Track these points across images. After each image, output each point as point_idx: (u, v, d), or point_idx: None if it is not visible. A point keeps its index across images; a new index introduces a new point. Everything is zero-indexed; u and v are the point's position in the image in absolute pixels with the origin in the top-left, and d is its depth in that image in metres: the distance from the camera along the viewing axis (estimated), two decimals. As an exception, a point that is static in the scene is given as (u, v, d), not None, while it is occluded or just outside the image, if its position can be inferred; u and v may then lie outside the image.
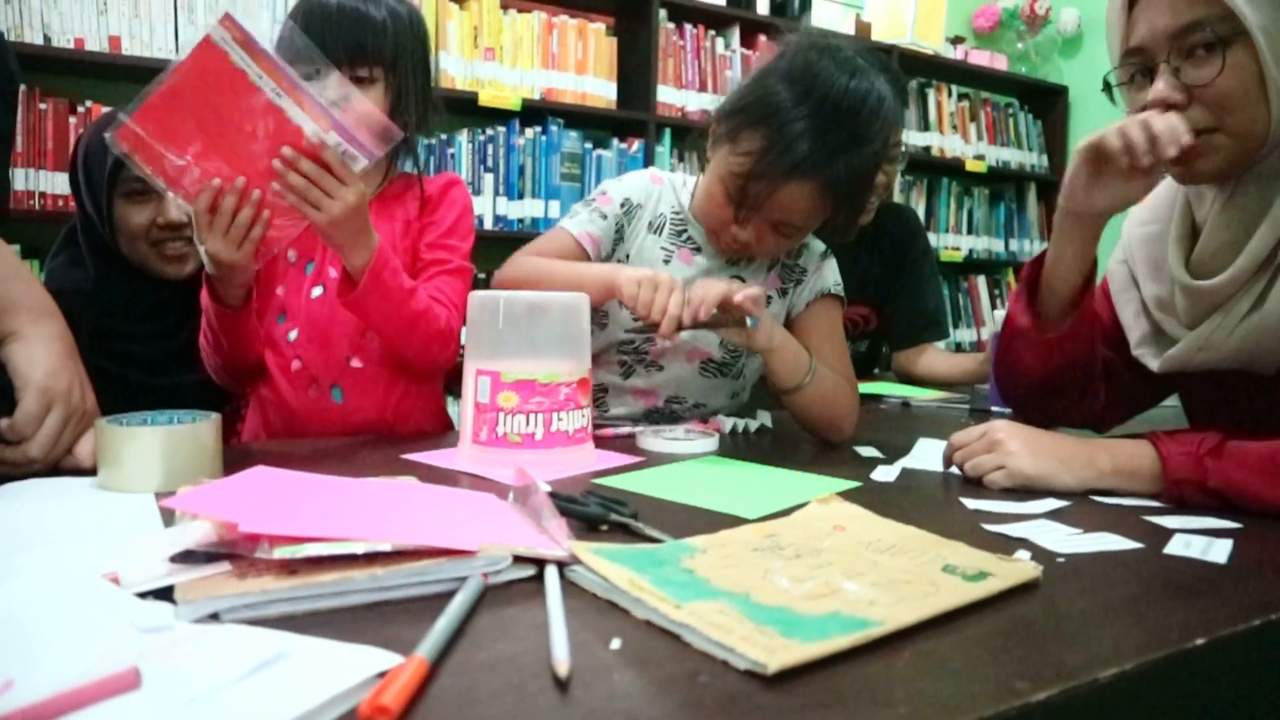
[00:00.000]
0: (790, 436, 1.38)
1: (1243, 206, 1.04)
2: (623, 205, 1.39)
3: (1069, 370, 1.19)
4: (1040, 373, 1.19)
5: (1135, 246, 1.19)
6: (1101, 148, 1.04)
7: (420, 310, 1.29)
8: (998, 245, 4.35)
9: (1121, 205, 1.08)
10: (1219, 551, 0.82)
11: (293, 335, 1.37)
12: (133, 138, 1.09)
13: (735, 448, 1.28)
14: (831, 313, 1.41)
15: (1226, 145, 1.01)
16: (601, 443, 1.23)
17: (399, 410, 1.39)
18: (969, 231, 4.24)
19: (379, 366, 1.37)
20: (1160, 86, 1.01)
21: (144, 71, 2.57)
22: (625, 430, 1.29)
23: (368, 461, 1.10)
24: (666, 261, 1.37)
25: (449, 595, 0.64)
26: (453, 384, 1.49)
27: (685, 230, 1.40)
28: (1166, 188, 1.20)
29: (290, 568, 0.63)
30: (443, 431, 1.43)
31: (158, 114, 1.10)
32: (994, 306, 4.28)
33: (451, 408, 1.54)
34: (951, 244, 4.14)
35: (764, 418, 1.42)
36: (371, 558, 0.65)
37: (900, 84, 1.98)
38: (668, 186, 1.42)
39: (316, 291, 1.37)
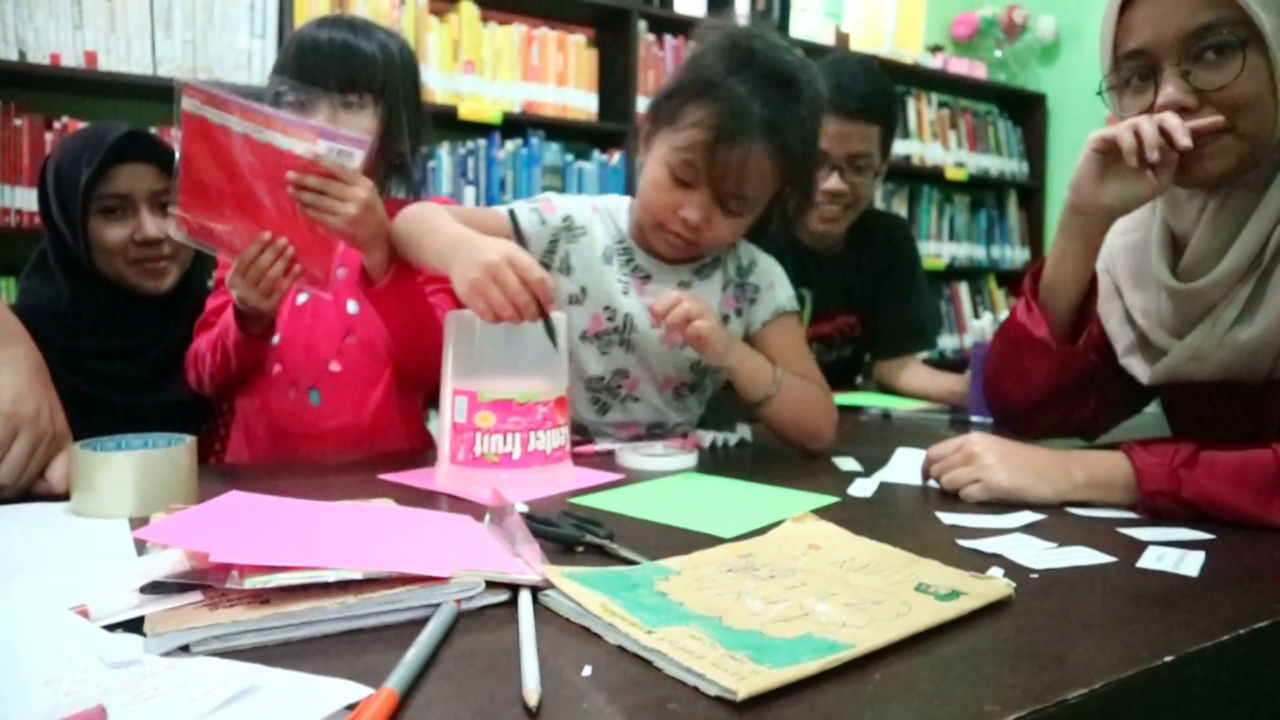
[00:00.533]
0: (770, 450, 1.38)
1: (1234, 211, 1.05)
2: (565, 220, 1.35)
3: (1076, 380, 1.19)
4: (1049, 385, 1.19)
5: (1117, 255, 1.20)
6: (1112, 141, 1.04)
7: (429, 311, 1.32)
8: (979, 252, 4.37)
9: (1129, 204, 1.08)
10: (1191, 565, 0.83)
11: (275, 339, 1.39)
12: (188, 224, 1.20)
13: (715, 462, 1.28)
14: (791, 328, 1.41)
15: (1236, 147, 1.01)
16: (581, 460, 1.23)
17: (376, 417, 1.40)
18: (950, 239, 4.26)
19: (357, 372, 1.40)
20: (1171, 91, 1.01)
21: (120, 87, 2.56)
22: (605, 447, 1.29)
23: (345, 483, 1.10)
24: (625, 294, 1.35)
25: (423, 622, 0.64)
26: (433, 399, 1.49)
27: (632, 259, 1.36)
28: None
29: (262, 597, 0.63)
30: (421, 447, 1.43)
31: (190, 194, 1.18)
32: (976, 314, 4.30)
33: (431, 423, 1.54)
34: (933, 252, 4.16)
35: (744, 431, 1.43)
36: (344, 585, 0.65)
37: (885, 85, 2.00)
38: (604, 214, 1.38)
39: (301, 298, 1.40)
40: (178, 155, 1.17)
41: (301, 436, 1.38)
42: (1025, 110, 4.54)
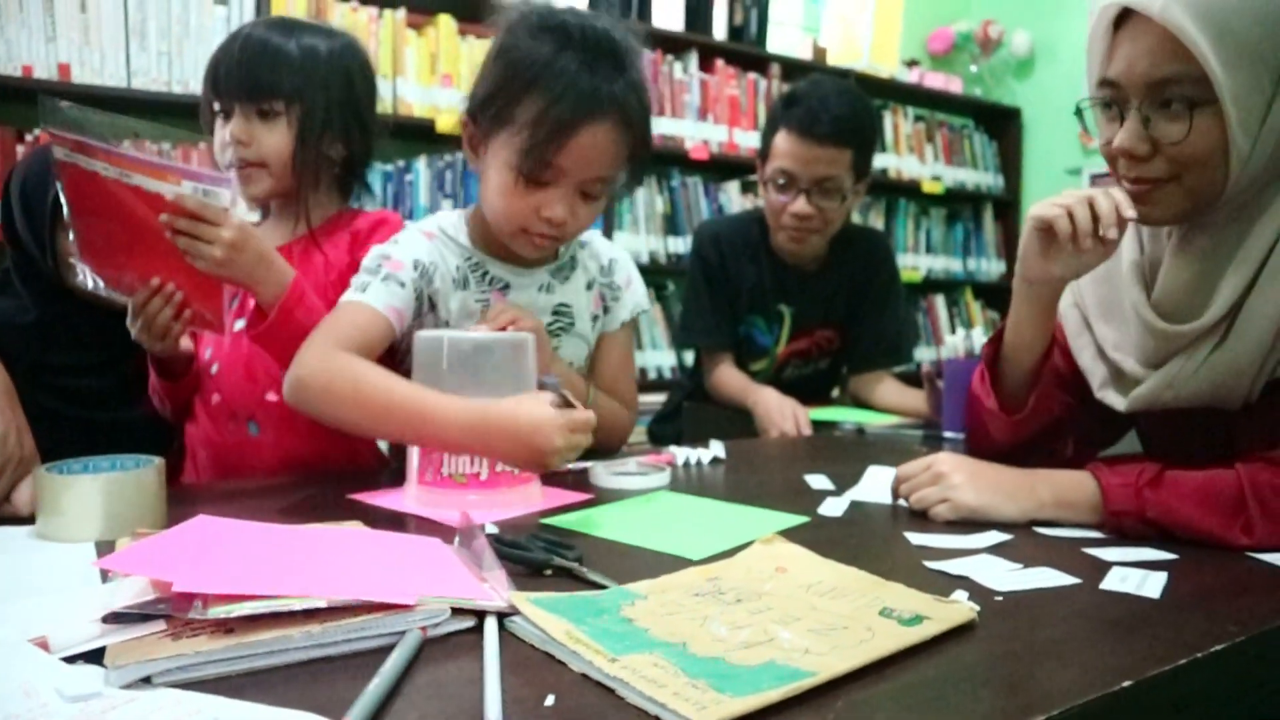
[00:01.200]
0: (743, 467, 1.39)
1: (1198, 252, 1.06)
2: (416, 268, 1.25)
3: (1039, 436, 1.21)
4: (1011, 444, 1.21)
5: (1085, 288, 1.21)
6: (1049, 222, 1.07)
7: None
8: (955, 265, 4.41)
9: (1080, 272, 1.11)
10: (1153, 586, 0.84)
11: (215, 369, 1.38)
12: (95, 273, 1.20)
13: (688, 480, 1.29)
14: (630, 336, 1.44)
15: (1180, 198, 1.04)
16: (554, 478, 1.23)
17: (321, 446, 1.35)
18: (927, 252, 4.29)
19: None
20: (1125, 136, 1.03)
21: (94, 100, 2.53)
22: (579, 465, 1.29)
23: (314, 505, 1.09)
24: (487, 307, 1.30)
25: (389, 649, 0.64)
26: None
27: (486, 273, 1.31)
28: None
29: (226, 626, 0.63)
30: (379, 467, 1.41)
31: (86, 243, 1.18)
32: (952, 327, 4.33)
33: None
34: (910, 264, 4.19)
35: (716, 448, 1.43)
36: (309, 613, 0.65)
37: (859, 108, 2.03)
38: (443, 238, 1.31)
39: (239, 324, 1.34)
40: (65, 206, 1.15)
41: (243, 467, 1.35)
42: (1001, 124, 4.58)
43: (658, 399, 3.09)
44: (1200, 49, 0.95)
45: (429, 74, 3.00)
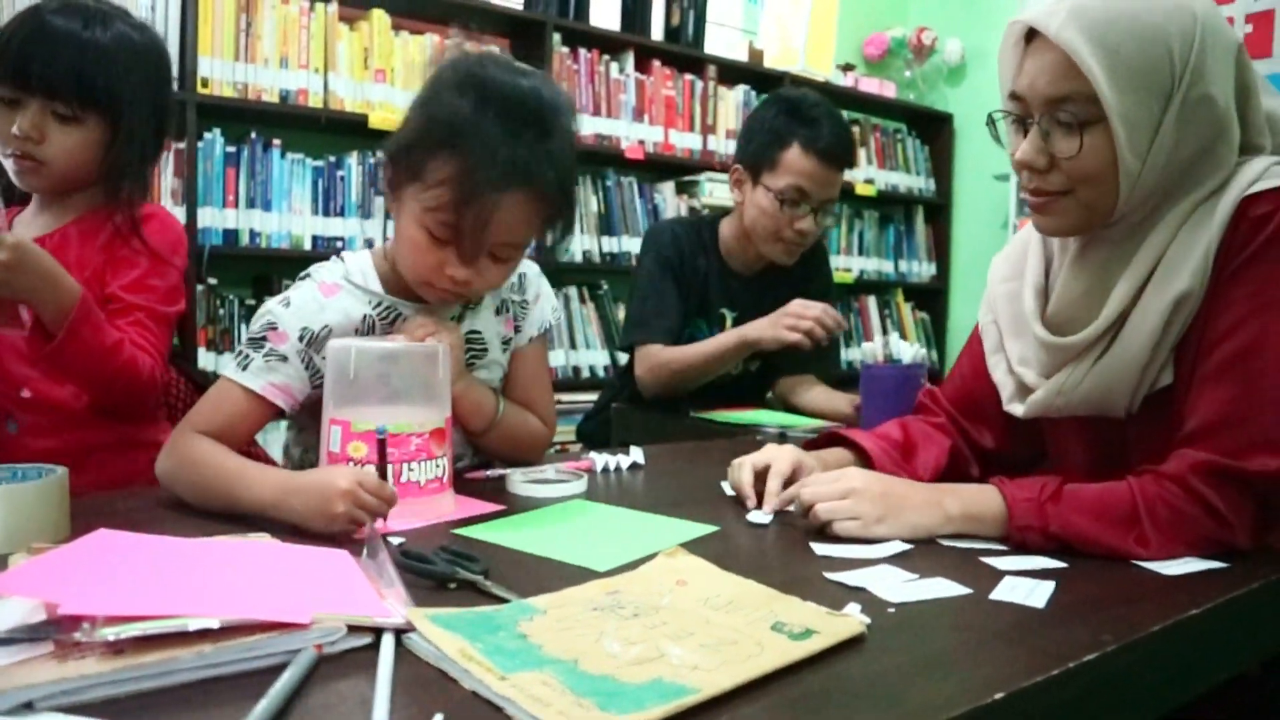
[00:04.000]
0: (661, 474, 1.41)
1: (1093, 265, 1.11)
2: (302, 338, 1.19)
3: (952, 474, 1.26)
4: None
5: (1000, 305, 1.25)
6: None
7: (122, 364, 1.26)
8: (887, 266, 4.48)
9: None
10: (1040, 596, 0.87)
11: None
12: None
13: (605, 487, 1.30)
14: (543, 350, 1.43)
15: (1075, 210, 1.09)
16: (472, 485, 1.24)
17: (87, 441, 1.33)
18: (859, 253, 4.36)
19: (53, 400, 1.34)
20: (1025, 149, 1.08)
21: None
22: (496, 472, 1.30)
23: (226, 515, 1.08)
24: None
25: (283, 668, 0.64)
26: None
27: (397, 315, 1.26)
28: (1022, 241, 1.27)
29: (116, 647, 0.63)
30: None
31: None
32: (884, 328, 4.41)
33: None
34: (843, 265, 4.25)
35: (636, 455, 1.45)
36: (202, 633, 0.65)
37: (852, 133, 2.09)
38: (347, 289, 1.24)
39: None
40: None
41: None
42: (933, 129, 4.66)
43: (590, 398, 3.10)
44: (1091, 70, 1.00)
45: (361, 69, 2.97)
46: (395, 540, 0.97)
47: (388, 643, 0.69)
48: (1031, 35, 1.08)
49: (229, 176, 2.75)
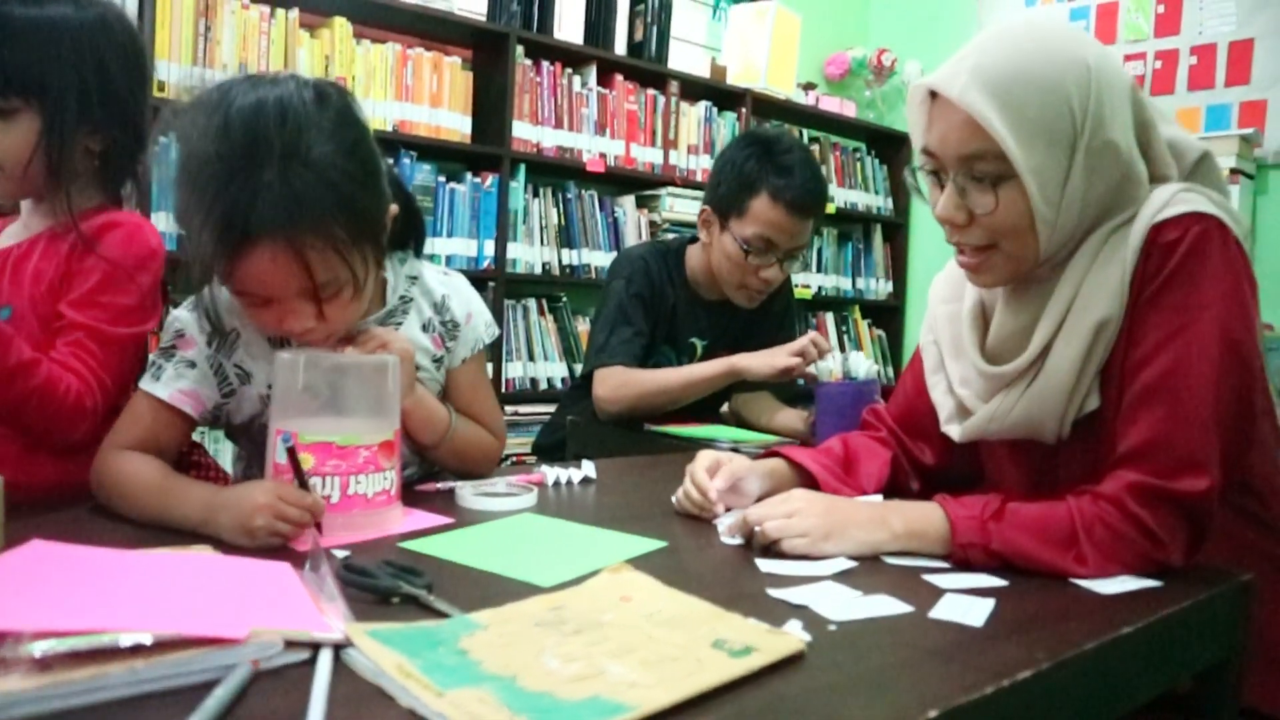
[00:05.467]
0: (613, 488, 1.41)
1: (1023, 301, 1.14)
2: (210, 343, 1.18)
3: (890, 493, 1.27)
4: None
5: (940, 325, 1.28)
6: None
7: (35, 387, 1.15)
8: (845, 283, 4.53)
9: None
10: (978, 614, 0.88)
11: None
12: None
13: (556, 501, 1.30)
14: (481, 366, 1.40)
15: (1003, 263, 1.12)
16: (421, 498, 1.23)
17: (22, 467, 1.18)
18: (818, 270, 4.40)
19: None
20: (944, 207, 1.10)
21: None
22: (446, 485, 1.29)
23: (167, 527, 1.06)
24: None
25: (217, 683, 0.63)
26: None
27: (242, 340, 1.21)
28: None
29: (43, 663, 0.62)
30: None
31: None
32: (841, 346, 4.45)
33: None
34: (801, 282, 4.28)
35: (588, 469, 1.45)
36: (134, 649, 0.64)
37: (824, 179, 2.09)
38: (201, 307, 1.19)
39: None
40: None
41: None
42: (891, 148, 4.73)
43: (549, 409, 3.09)
44: (997, 130, 1.03)
45: (322, 76, 2.94)
46: (341, 553, 0.97)
47: (325, 658, 0.68)
48: (936, 93, 1.11)
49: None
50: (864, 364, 1.80)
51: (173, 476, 1.09)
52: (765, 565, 1.01)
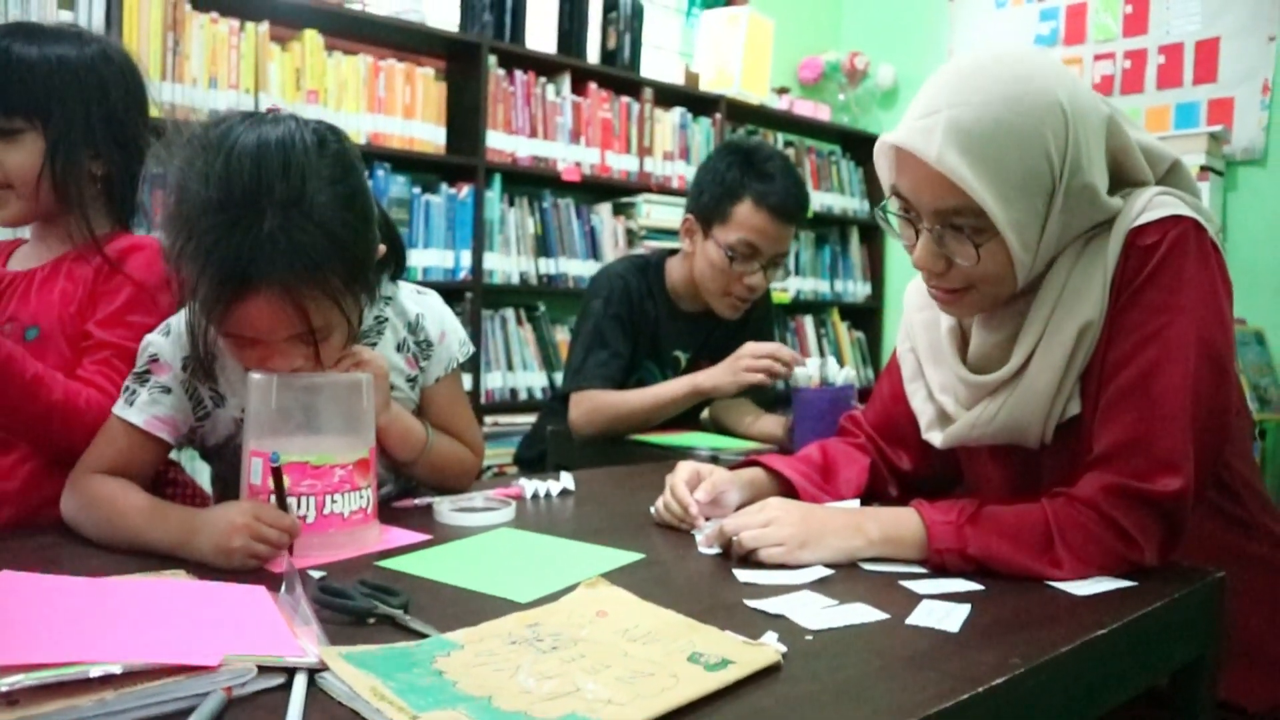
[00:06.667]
0: (591, 499, 1.41)
1: (1002, 317, 1.15)
2: (185, 367, 1.17)
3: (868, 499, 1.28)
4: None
5: (917, 333, 1.28)
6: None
7: (55, 402, 1.17)
8: (823, 286, 4.55)
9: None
10: (955, 619, 0.89)
11: None
12: None
13: (535, 514, 1.30)
14: (457, 383, 1.39)
15: (980, 300, 1.13)
16: (399, 515, 1.23)
17: (33, 482, 1.23)
18: (796, 273, 4.41)
19: None
20: (922, 255, 1.10)
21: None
22: (423, 501, 1.29)
23: (141, 551, 1.05)
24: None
25: (190, 712, 0.63)
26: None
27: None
28: None
29: (10, 698, 0.61)
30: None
31: None
32: (820, 348, 4.46)
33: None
34: (779, 286, 4.29)
35: (566, 480, 1.45)
36: (104, 679, 0.63)
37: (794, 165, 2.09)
38: (175, 330, 1.19)
39: None
40: None
41: None
42: (866, 151, 4.74)
43: (529, 419, 3.09)
44: (976, 191, 1.02)
45: (294, 90, 2.94)
46: (317, 574, 0.96)
47: (299, 683, 0.68)
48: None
49: (155, 198, 2.69)
50: (840, 370, 1.81)
51: (148, 499, 1.09)
52: (743, 575, 1.01)
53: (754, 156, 2.05)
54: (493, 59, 3.30)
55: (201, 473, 1.46)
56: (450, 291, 3.16)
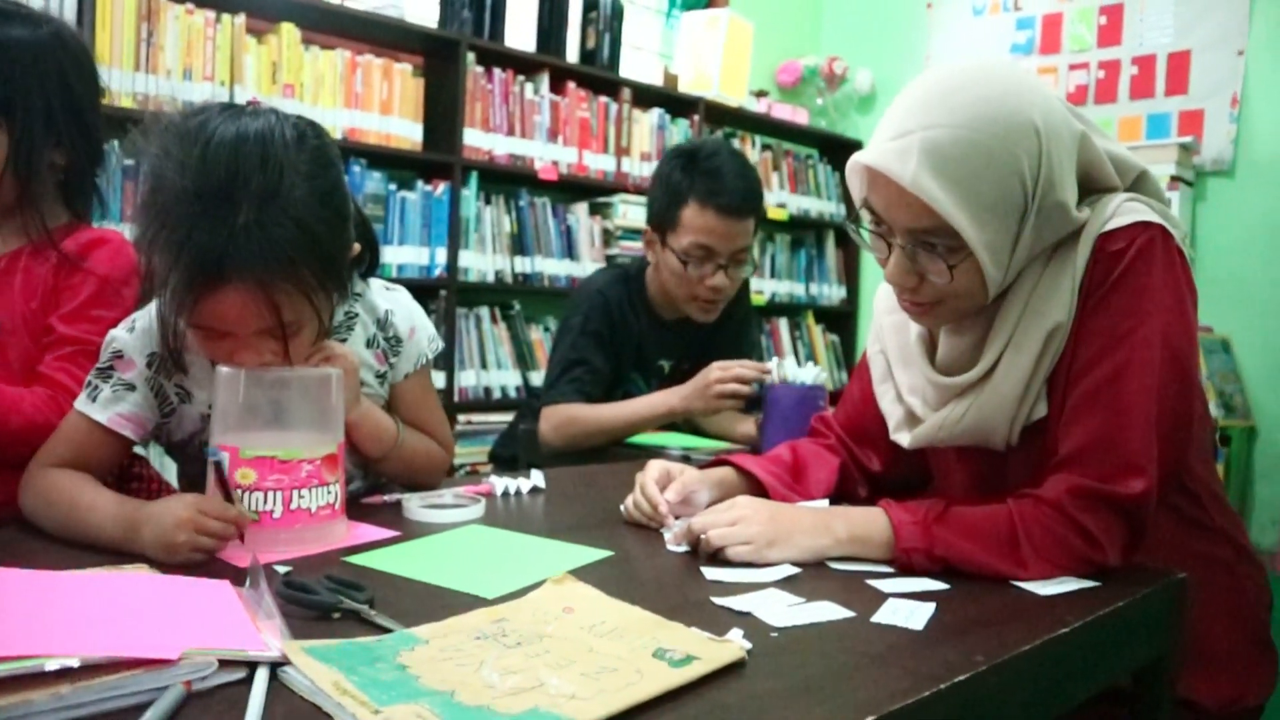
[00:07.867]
0: (561, 497, 1.41)
1: (968, 328, 1.16)
2: (150, 364, 1.15)
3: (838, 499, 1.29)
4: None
5: (888, 335, 1.29)
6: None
7: (5, 408, 1.16)
8: (799, 289, 4.57)
9: None
10: (919, 618, 0.89)
11: None
12: None
13: (505, 511, 1.29)
14: (426, 379, 1.39)
15: (951, 313, 1.14)
16: (368, 512, 1.22)
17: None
18: (771, 276, 4.43)
19: None
20: (894, 272, 1.11)
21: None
22: (393, 497, 1.28)
23: (99, 548, 1.04)
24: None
25: (148, 706, 0.62)
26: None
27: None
28: None
29: (-35, 689, 0.60)
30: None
31: None
32: (795, 350, 4.48)
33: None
34: (755, 288, 4.31)
35: (536, 478, 1.44)
36: (60, 673, 0.63)
37: (757, 178, 2.06)
38: (140, 326, 1.18)
39: None
40: None
41: None
42: (843, 155, 4.75)
43: (503, 418, 3.08)
44: (950, 214, 1.03)
45: (270, 83, 2.92)
46: (283, 569, 0.95)
47: (261, 677, 0.67)
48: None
49: (127, 190, 2.67)
50: (809, 370, 1.82)
51: (94, 491, 1.07)
52: (711, 573, 1.02)
53: (697, 156, 2.02)
54: (471, 56, 3.30)
55: (170, 468, 1.45)
56: (425, 289, 3.15)
